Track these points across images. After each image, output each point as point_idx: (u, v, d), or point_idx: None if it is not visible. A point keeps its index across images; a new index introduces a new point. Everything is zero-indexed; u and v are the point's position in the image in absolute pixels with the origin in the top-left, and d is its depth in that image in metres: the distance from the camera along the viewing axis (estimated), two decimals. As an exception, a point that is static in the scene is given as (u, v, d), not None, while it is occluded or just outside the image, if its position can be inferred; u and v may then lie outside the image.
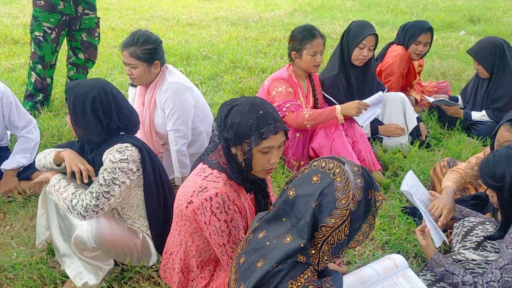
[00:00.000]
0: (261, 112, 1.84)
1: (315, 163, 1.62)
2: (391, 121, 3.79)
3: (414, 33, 4.12)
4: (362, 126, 3.55)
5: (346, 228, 1.52)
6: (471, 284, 2.14)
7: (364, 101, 3.38)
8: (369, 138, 3.71)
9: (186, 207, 1.94)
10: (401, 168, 3.45)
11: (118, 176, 2.19)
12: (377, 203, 1.59)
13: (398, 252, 2.67)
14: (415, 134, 3.85)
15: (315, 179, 1.56)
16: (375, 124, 3.82)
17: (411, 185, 2.76)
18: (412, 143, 3.83)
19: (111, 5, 9.04)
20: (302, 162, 3.39)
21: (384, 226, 2.88)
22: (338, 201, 1.50)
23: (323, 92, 3.68)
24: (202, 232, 1.99)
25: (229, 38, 6.77)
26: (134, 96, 3.18)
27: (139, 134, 2.87)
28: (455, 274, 2.20)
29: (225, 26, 7.59)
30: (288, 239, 1.58)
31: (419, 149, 3.73)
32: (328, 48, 5.83)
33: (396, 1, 9.78)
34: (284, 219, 1.63)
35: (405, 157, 3.63)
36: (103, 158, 2.23)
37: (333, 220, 1.50)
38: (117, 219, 2.37)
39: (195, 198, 1.90)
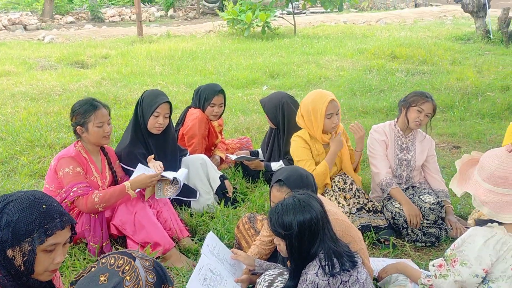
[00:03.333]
0: (44, 206, 1.69)
1: (103, 260, 1.51)
2: (195, 183, 3.82)
3: (207, 96, 4.27)
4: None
5: None
6: None
7: (164, 173, 3.34)
8: (172, 202, 3.65)
9: None
10: (209, 231, 3.45)
11: None
12: None
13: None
14: (220, 192, 3.92)
15: (102, 279, 1.45)
16: None
17: (212, 245, 2.77)
18: (218, 202, 3.89)
19: None
20: (104, 244, 3.16)
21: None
22: None
23: (121, 164, 3.55)
24: None
25: (27, 115, 6.26)
26: None
27: None
28: None
29: (23, 102, 7.02)
30: None
31: (225, 207, 3.80)
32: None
33: (204, 64, 10.23)
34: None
35: (212, 218, 3.65)
36: None
37: None
38: None
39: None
